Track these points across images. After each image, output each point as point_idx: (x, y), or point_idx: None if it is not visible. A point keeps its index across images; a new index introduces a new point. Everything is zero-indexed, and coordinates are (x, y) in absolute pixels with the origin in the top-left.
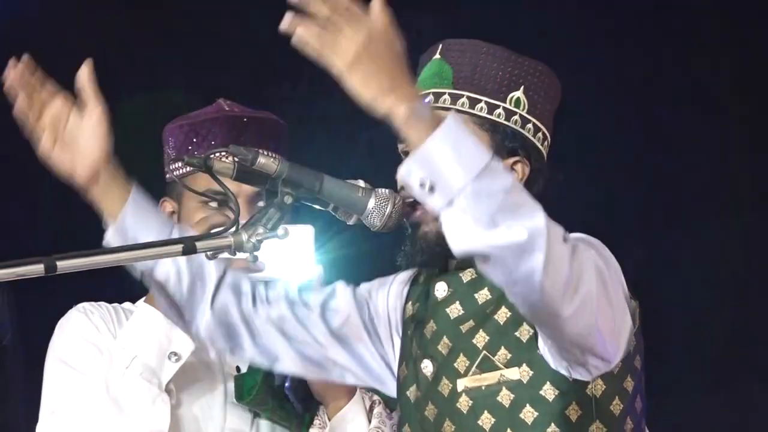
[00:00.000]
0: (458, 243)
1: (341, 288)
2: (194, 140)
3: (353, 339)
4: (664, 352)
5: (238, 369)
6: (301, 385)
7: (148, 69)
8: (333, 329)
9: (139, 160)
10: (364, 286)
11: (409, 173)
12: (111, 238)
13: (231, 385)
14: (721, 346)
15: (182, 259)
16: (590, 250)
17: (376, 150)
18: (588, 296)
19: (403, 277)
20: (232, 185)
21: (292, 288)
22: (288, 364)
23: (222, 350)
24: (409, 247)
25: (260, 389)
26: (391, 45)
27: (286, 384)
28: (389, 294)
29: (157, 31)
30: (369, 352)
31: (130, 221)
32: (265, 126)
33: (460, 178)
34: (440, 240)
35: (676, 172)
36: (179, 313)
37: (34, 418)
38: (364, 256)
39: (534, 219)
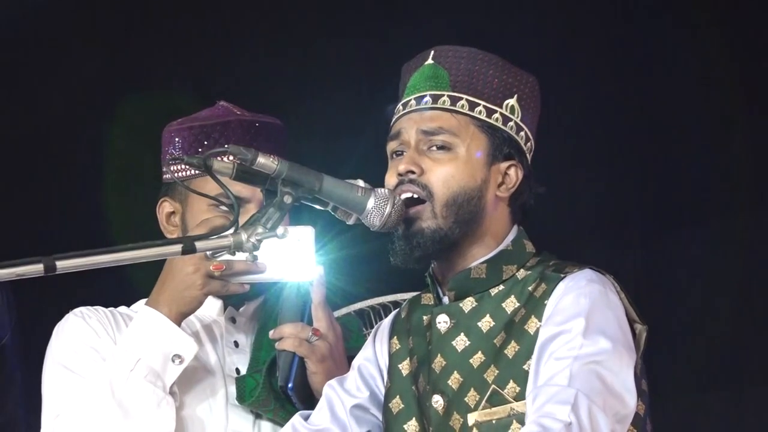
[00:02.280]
0: None
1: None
2: (205, 143)
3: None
4: (664, 352)
5: (237, 371)
6: (303, 385)
7: (147, 69)
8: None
9: (138, 160)
10: (355, 372)
11: None
12: None
13: (232, 388)
14: (721, 346)
15: None
16: (593, 405)
17: (376, 150)
18: None
19: (382, 324)
20: (246, 189)
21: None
22: None
23: None
24: (402, 243)
25: (262, 390)
26: None
27: (289, 385)
28: (375, 347)
29: (156, 32)
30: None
31: None
32: (275, 131)
33: None
34: (436, 237)
35: (677, 171)
36: None
37: (33, 418)
38: (364, 256)
39: None
